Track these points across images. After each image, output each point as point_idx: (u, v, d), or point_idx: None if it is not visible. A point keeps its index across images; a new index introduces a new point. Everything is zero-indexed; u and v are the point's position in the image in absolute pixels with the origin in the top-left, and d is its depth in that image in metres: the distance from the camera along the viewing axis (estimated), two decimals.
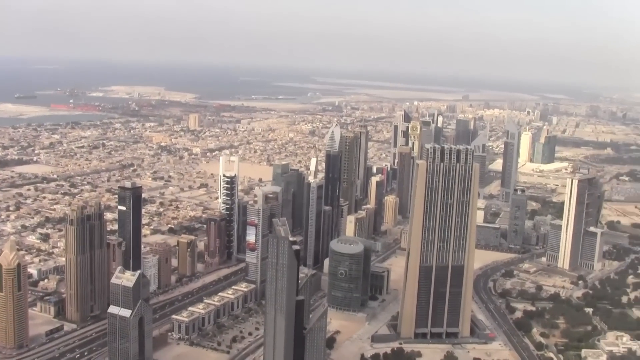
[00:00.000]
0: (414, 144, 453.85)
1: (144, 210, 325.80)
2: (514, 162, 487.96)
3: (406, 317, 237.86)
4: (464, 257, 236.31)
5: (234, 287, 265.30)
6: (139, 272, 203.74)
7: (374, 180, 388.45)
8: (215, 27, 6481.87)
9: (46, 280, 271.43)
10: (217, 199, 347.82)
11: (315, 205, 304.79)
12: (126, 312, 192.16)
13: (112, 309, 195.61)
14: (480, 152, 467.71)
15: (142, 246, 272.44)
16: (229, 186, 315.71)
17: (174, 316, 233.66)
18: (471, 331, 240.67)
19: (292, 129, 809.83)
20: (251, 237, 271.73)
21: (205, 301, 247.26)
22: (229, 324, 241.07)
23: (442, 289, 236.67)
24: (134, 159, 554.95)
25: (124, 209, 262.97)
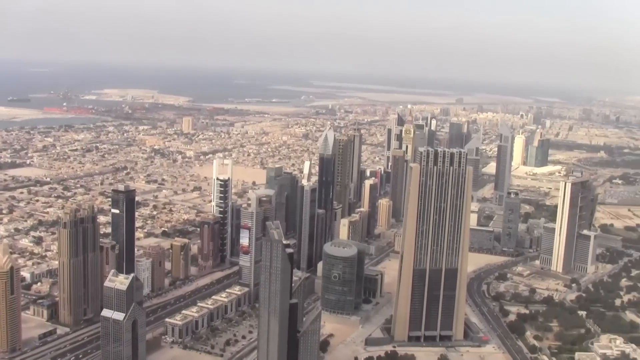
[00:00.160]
0: (407, 147, 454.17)
1: (137, 213, 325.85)
2: (507, 166, 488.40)
3: (400, 320, 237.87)
4: (458, 260, 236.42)
5: (227, 290, 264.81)
6: (132, 275, 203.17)
7: (368, 183, 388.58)
8: (209, 29, 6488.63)
9: (39, 283, 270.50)
10: (210, 202, 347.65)
11: (308, 208, 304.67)
12: (119, 316, 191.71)
13: (105, 312, 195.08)
14: (473, 156, 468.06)
15: (135, 249, 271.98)
16: (222, 189, 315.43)
17: (167, 319, 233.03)
18: (465, 334, 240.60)
19: (285, 132, 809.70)
20: (245, 240, 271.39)
21: (198, 304, 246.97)
22: (222, 327, 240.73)
23: (436, 292, 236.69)
24: (127, 162, 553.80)
25: (117, 212, 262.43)
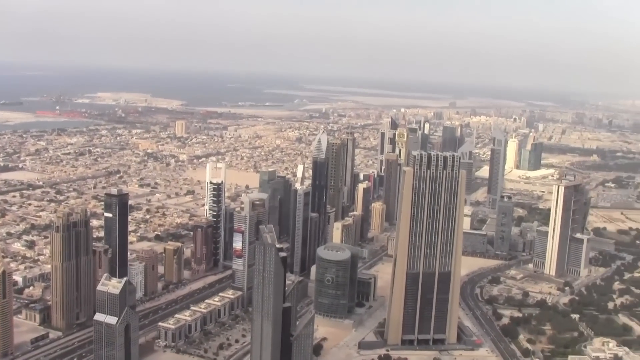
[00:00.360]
0: (400, 151, 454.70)
1: (130, 217, 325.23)
2: (500, 169, 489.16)
3: (393, 323, 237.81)
4: (451, 263, 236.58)
5: (220, 294, 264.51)
6: (125, 279, 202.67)
7: (361, 187, 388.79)
8: (203, 33, 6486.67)
9: (31, 287, 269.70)
10: (203, 205, 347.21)
11: (302, 212, 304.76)
12: (112, 320, 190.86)
13: (98, 317, 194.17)
14: (466, 159, 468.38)
15: (128, 253, 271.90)
16: (215, 193, 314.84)
17: (160, 323, 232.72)
18: (458, 338, 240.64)
19: (279, 135, 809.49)
20: (238, 244, 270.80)
21: (191, 308, 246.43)
22: (215, 331, 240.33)
23: (429, 296, 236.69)
24: (120, 166, 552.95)
25: (110, 215, 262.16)
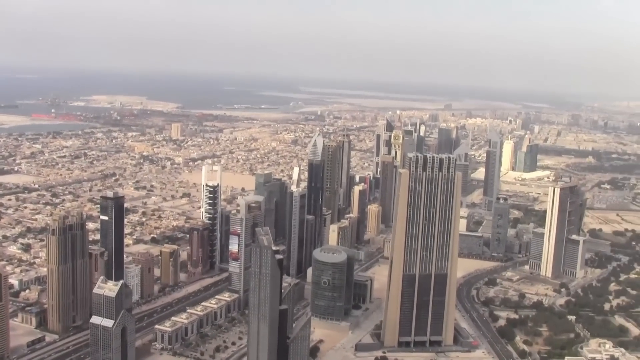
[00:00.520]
0: (396, 153, 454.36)
1: (126, 219, 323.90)
2: (496, 171, 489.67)
3: (389, 325, 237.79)
4: (447, 265, 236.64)
5: (217, 296, 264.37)
6: (121, 282, 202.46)
7: (357, 189, 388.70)
8: (198, 36, 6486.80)
9: (27, 290, 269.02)
10: (199, 208, 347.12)
11: (298, 214, 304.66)
12: (109, 323, 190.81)
13: (95, 319, 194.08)
14: (462, 161, 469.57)
15: (124, 256, 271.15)
16: (211, 195, 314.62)
17: (156, 326, 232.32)
18: (454, 339, 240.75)
19: (274, 138, 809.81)
20: (234, 247, 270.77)
21: (188, 311, 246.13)
22: (212, 333, 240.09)
23: (426, 298, 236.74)
24: (116, 169, 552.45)
25: (106, 218, 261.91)
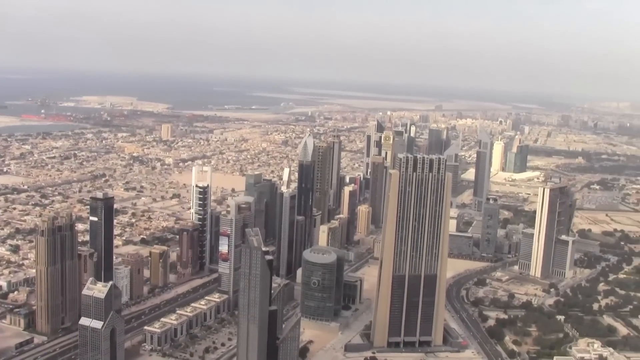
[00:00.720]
0: (386, 153, 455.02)
1: (115, 220, 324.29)
2: (486, 172, 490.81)
3: (379, 326, 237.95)
4: (437, 266, 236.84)
5: (206, 297, 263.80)
6: (110, 283, 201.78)
7: (347, 190, 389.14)
8: (189, 37, 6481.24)
9: (16, 292, 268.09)
10: (189, 209, 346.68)
11: (288, 215, 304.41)
12: (98, 324, 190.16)
13: (84, 321, 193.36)
14: (452, 162, 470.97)
15: (114, 257, 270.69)
16: (201, 196, 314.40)
17: (146, 327, 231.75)
18: (444, 340, 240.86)
19: (265, 139, 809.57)
20: (224, 248, 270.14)
21: (177, 312, 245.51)
22: (201, 334, 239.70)
23: (415, 298, 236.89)
24: (105, 170, 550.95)
25: (95, 219, 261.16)
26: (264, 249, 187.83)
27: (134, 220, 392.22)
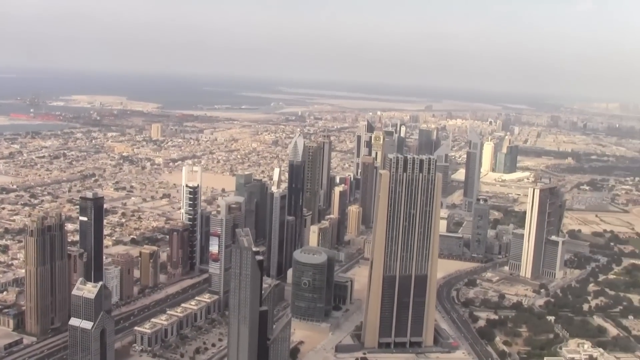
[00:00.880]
0: (377, 154, 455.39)
1: (105, 220, 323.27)
2: (476, 172, 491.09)
3: (370, 326, 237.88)
4: (427, 266, 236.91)
5: (197, 298, 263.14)
6: (100, 283, 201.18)
7: (337, 190, 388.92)
8: (178, 36, 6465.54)
9: (5, 292, 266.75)
10: (179, 209, 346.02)
11: (278, 215, 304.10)
12: (87, 324, 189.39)
13: (73, 321, 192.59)
14: (442, 162, 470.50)
15: (103, 257, 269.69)
16: (191, 196, 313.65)
17: (136, 328, 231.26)
18: (435, 340, 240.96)
19: (255, 139, 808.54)
20: (214, 248, 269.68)
21: (168, 312, 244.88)
22: (192, 335, 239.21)
23: (406, 299, 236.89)
24: (95, 169, 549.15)
25: (85, 219, 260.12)
26: (254, 249, 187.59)
27: (123, 220, 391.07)
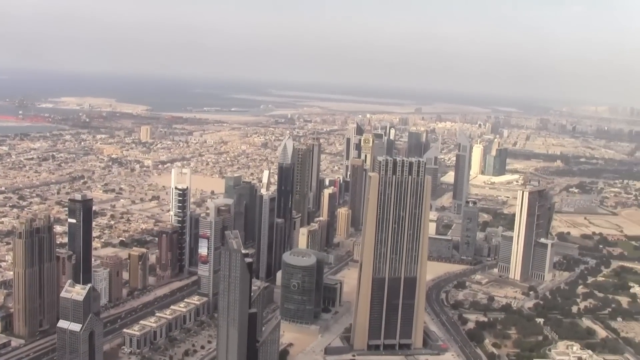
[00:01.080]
0: (366, 156, 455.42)
1: (94, 222, 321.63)
2: (465, 175, 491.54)
3: (359, 329, 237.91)
4: (417, 268, 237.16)
5: (186, 300, 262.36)
6: (89, 285, 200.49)
7: (327, 192, 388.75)
8: (168, 38, 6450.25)
9: None
10: (169, 211, 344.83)
11: (267, 217, 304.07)
12: (76, 327, 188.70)
13: (62, 324, 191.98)
14: (432, 165, 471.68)
15: (92, 259, 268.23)
16: (180, 198, 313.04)
17: (125, 330, 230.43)
18: (424, 342, 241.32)
19: (244, 141, 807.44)
20: (203, 250, 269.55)
21: (157, 314, 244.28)
22: (181, 337, 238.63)
23: (395, 301, 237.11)
24: (84, 171, 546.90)
25: (74, 221, 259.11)
26: (243, 252, 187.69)
27: (112, 222, 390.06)
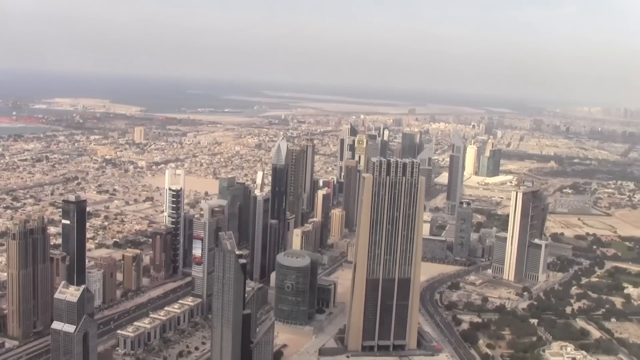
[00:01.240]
0: (360, 157, 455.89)
1: (88, 224, 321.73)
2: (459, 175, 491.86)
3: (353, 330, 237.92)
4: (411, 269, 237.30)
5: (180, 301, 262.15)
6: (83, 286, 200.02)
7: (321, 193, 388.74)
8: (162, 39, 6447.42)
9: None
10: (162, 212, 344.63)
11: (261, 218, 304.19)
12: (70, 328, 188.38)
13: (56, 325, 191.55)
14: (426, 166, 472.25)
15: (86, 260, 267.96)
16: (174, 200, 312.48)
17: (119, 331, 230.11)
18: (418, 343, 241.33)
19: (238, 142, 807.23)
20: (197, 251, 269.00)
21: (151, 316, 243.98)
22: (175, 338, 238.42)
23: (389, 302, 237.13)
24: (78, 172, 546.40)
25: (68, 222, 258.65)
26: (237, 253, 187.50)
27: (106, 223, 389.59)
